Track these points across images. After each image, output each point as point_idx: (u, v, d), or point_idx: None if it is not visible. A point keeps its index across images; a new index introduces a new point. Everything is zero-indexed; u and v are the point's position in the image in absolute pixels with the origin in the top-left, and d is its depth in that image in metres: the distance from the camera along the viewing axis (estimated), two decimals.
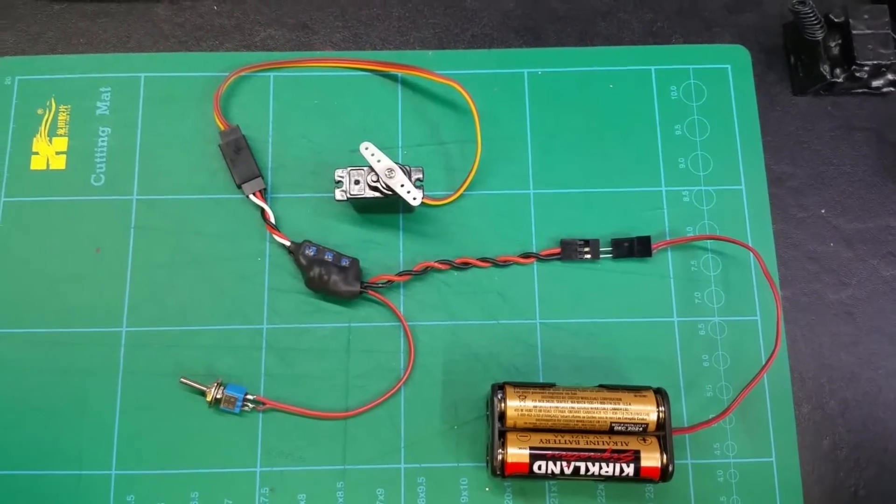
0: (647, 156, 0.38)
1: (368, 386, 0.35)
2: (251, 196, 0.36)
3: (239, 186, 0.36)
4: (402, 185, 0.33)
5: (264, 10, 0.40)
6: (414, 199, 0.33)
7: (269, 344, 0.35)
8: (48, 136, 0.37)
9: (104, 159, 0.37)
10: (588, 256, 0.36)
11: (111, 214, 0.37)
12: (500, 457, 0.31)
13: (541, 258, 0.36)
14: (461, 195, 0.37)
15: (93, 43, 0.39)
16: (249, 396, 0.34)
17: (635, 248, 0.36)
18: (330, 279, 0.35)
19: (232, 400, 0.34)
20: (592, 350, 0.36)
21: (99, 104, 0.38)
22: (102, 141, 0.38)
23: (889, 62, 0.37)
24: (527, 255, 0.36)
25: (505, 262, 0.36)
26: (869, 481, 0.35)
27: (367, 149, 0.33)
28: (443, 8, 0.40)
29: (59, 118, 0.38)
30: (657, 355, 0.35)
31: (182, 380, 0.34)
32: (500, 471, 0.31)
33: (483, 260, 0.36)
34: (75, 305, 0.35)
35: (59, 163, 0.37)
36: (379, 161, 0.33)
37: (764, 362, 0.34)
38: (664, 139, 0.38)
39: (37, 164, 0.37)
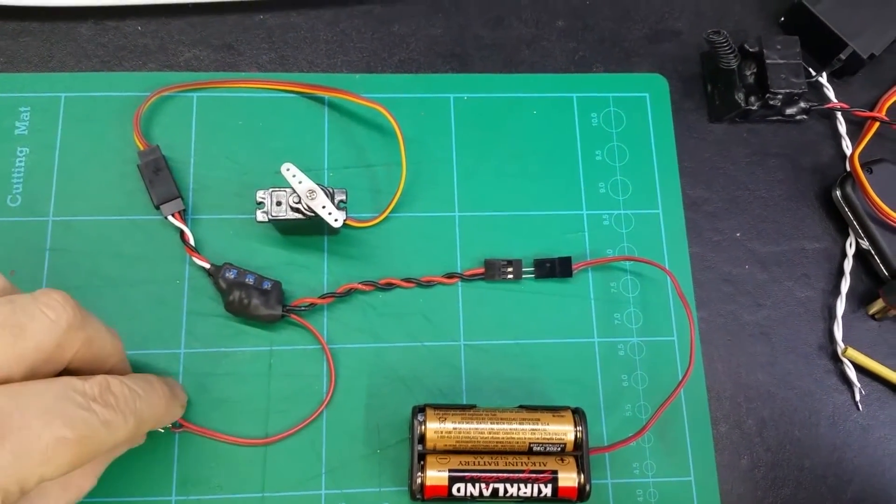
0: (569, 180, 0.39)
1: (290, 410, 0.34)
2: (170, 217, 0.35)
3: (157, 207, 0.35)
4: (324, 207, 0.33)
5: (189, 31, 0.39)
6: (336, 220, 0.33)
7: (186, 369, 0.35)
8: None
9: (21, 180, 0.36)
10: (511, 276, 0.37)
11: (27, 236, 0.35)
12: (419, 480, 0.31)
13: (465, 278, 0.37)
14: (387, 217, 0.37)
15: (13, 62, 0.38)
16: None
17: (557, 268, 0.37)
18: (250, 303, 0.34)
19: None
20: (515, 371, 0.36)
21: (18, 124, 0.37)
22: (20, 161, 0.37)
23: (801, 91, 0.38)
24: (451, 276, 0.36)
25: (429, 282, 0.36)
26: (786, 499, 0.36)
27: (288, 170, 0.33)
28: (370, 33, 0.40)
29: None
30: (578, 375, 0.36)
31: None
32: (420, 494, 0.31)
33: (407, 280, 0.36)
34: None
35: None
36: (300, 182, 0.33)
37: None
38: (585, 164, 0.39)
39: None
